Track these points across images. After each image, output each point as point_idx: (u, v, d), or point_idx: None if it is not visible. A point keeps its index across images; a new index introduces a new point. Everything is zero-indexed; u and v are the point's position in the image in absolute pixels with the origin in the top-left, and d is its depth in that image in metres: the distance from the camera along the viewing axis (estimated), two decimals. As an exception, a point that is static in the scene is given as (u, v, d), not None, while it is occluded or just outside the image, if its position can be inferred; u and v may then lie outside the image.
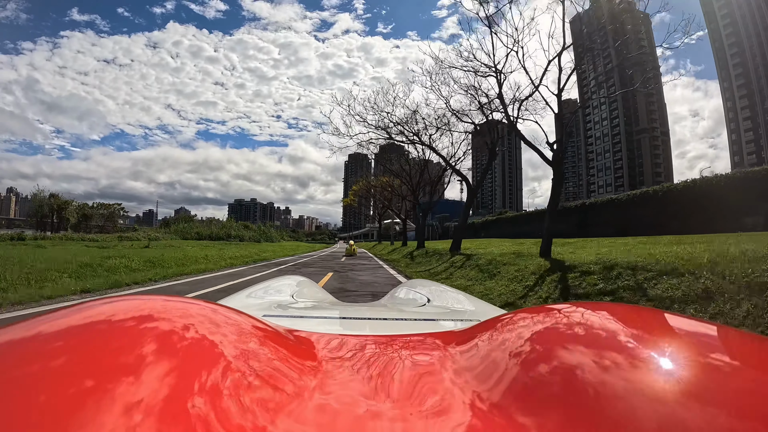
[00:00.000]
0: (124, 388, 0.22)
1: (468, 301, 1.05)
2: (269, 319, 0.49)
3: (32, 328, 0.28)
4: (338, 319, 0.83)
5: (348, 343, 0.44)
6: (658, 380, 0.25)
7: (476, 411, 0.28)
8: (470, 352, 0.37)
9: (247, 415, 0.24)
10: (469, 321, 0.67)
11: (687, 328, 0.35)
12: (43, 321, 0.30)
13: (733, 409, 0.23)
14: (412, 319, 0.80)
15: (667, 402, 0.23)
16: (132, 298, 0.35)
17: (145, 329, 0.29)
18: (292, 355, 0.35)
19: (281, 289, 1.22)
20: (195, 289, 6.11)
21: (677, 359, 0.28)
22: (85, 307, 0.32)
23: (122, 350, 0.26)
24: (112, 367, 0.24)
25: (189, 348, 0.29)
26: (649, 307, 0.41)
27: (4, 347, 0.26)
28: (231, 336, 0.32)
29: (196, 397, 0.24)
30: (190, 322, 0.32)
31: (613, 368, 0.27)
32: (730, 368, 0.27)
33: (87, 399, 0.21)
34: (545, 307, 0.42)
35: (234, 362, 0.29)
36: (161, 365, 0.25)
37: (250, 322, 0.38)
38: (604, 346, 0.30)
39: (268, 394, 0.27)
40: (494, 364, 0.33)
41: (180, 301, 0.36)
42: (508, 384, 0.30)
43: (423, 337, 0.49)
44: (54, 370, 0.23)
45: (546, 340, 0.34)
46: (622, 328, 0.33)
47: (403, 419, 0.27)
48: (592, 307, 0.40)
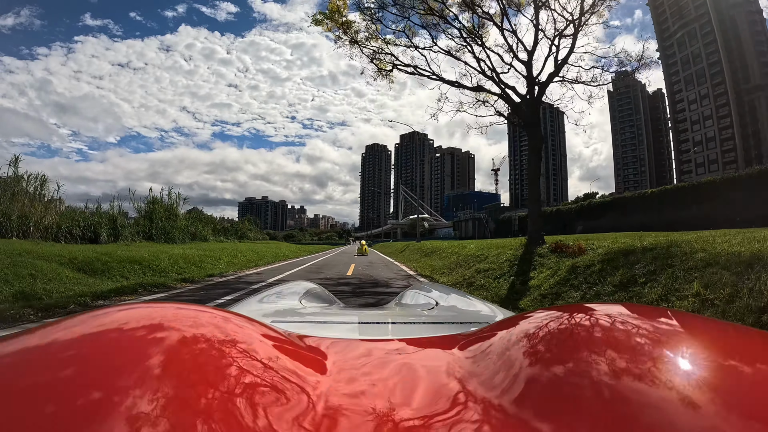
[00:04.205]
0: (135, 395, 0.22)
1: (476, 303, 1.05)
2: (278, 325, 0.50)
3: (45, 336, 0.28)
4: (347, 324, 0.83)
5: (357, 348, 0.44)
6: (674, 384, 0.25)
7: (485, 415, 0.28)
8: (479, 355, 0.37)
9: (258, 421, 0.24)
10: (477, 324, 0.68)
11: (703, 329, 0.33)
12: (56, 329, 0.30)
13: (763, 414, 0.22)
14: (421, 323, 0.81)
15: (681, 407, 0.23)
16: (144, 306, 0.36)
17: (155, 338, 0.29)
18: (301, 361, 0.35)
19: (290, 294, 1.24)
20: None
21: (692, 360, 0.27)
22: (98, 315, 0.32)
23: (133, 358, 0.26)
24: (124, 374, 0.24)
25: (200, 355, 0.29)
26: (662, 307, 0.39)
27: (17, 354, 0.26)
28: (241, 343, 0.33)
29: (208, 404, 0.24)
30: (200, 330, 0.32)
31: (626, 371, 0.27)
32: (758, 371, 0.26)
33: (98, 407, 0.21)
34: (555, 308, 0.42)
35: (244, 369, 0.29)
36: (172, 373, 0.25)
37: (260, 329, 0.38)
38: (617, 348, 0.30)
39: (279, 400, 0.27)
40: (503, 368, 0.32)
41: (191, 308, 0.37)
42: (518, 388, 0.29)
43: (432, 341, 0.49)
44: (66, 377, 0.23)
45: (556, 343, 0.34)
46: (635, 329, 0.32)
47: (412, 424, 0.27)
48: (604, 307, 0.39)
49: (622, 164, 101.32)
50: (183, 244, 11.72)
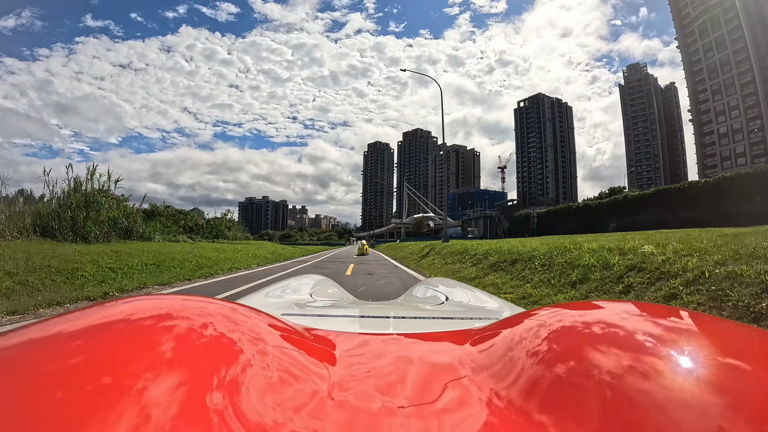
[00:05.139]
0: (143, 386, 0.22)
1: (486, 298, 1.06)
2: (288, 318, 0.50)
3: (52, 328, 0.28)
4: (357, 317, 0.83)
5: (367, 341, 0.44)
6: (685, 382, 0.25)
7: (494, 410, 0.28)
8: (489, 350, 0.37)
9: (267, 413, 0.25)
10: (487, 319, 0.68)
11: (717, 330, 0.33)
12: (63, 321, 0.30)
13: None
14: (431, 318, 0.81)
15: (690, 407, 0.23)
16: (151, 298, 0.36)
17: (163, 328, 0.29)
18: (311, 353, 0.35)
19: (300, 288, 1.23)
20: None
21: (705, 361, 0.27)
22: (105, 307, 0.32)
23: (141, 349, 0.26)
24: (132, 365, 0.24)
25: (208, 347, 0.29)
26: (674, 307, 0.40)
27: (24, 346, 0.26)
28: (250, 335, 0.33)
29: (216, 396, 0.24)
30: (209, 321, 0.32)
31: (636, 368, 0.26)
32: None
33: (107, 398, 0.21)
34: (565, 305, 0.42)
35: (253, 361, 0.29)
36: (180, 364, 0.25)
37: (269, 321, 0.38)
38: (628, 346, 0.29)
39: (288, 393, 0.27)
40: (513, 363, 0.33)
41: (199, 300, 0.37)
42: (527, 383, 0.29)
43: (441, 336, 0.49)
44: (74, 369, 0.23)
45: (566, 339, 0.33)
46: (647, 327, 0.32)
47: (421, 418, 0.27)
48: (615, 305, 0.39)
49: (634, 161, 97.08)
50: (100, 244, 8.15)
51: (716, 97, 60.39)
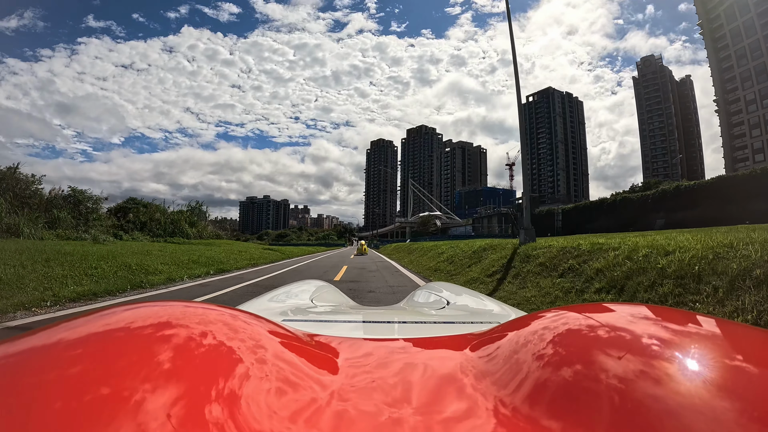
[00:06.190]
0: (143, 394, 0.22)
1: (488, 302, 1.05)
2: (289, 323, 0.49)
3: (53, 335, 0.28)
4: (358, 323, 0.83)
5: (368, 347, 0.43)
6: (698, 388, 0.24)
7: (497, 415, 0.28)
8: (491, 354, 0.37)
9: (267, 420, 0.24)
10: (489, 323, 0.68)
11: (731, 334, 0.33)
12: (64, 328, 0.30)
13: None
14: (432, 322, 0.81)
15: (696, 412, 0.22)
16: (152, 304, 0.35)
17: (164, 335, 0.29)
18: (312, 359, 0.35)
19: (300, 293, 1.23)
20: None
21: (715, 366, 0.26)
22: (105, 314, 0.32)
23: (141, 357, 0.26)
24: (132, 373, 0.24)
25: (208, 354, 0.28)
26: (684, 310, 0.38)
27: (25, 354, 0.26)
28: (250, 341, 0.32)
29: (216, 403, 0.24)
30: (209, 328, 0.32)
31: (647, 373, 0.26)
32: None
33: (106, 405, 0.21)
34: (568, 308, 0.41)
35: (254, 367, 0.29)
36: (181, 371, 0.25)
37: (270, 327, 0.38)
38: (633, 350, 0.29)
39: (289, 399, 0.27)
40: (516, 367, 0.32)
41: (200, 306, 0.36)
42: (530, 387, 0.29)
43: (443, 340, 0.49)
44: (74, 377, 0.23)
45: (569, 342, 0.33)
46: (654, 330, 0.31)
47: (424, 425, 0.27)
48: (621, 307, 0.39)
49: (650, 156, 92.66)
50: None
51: (746, 85, 56.05)
